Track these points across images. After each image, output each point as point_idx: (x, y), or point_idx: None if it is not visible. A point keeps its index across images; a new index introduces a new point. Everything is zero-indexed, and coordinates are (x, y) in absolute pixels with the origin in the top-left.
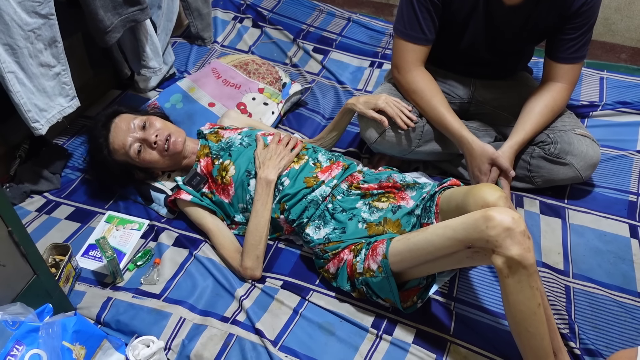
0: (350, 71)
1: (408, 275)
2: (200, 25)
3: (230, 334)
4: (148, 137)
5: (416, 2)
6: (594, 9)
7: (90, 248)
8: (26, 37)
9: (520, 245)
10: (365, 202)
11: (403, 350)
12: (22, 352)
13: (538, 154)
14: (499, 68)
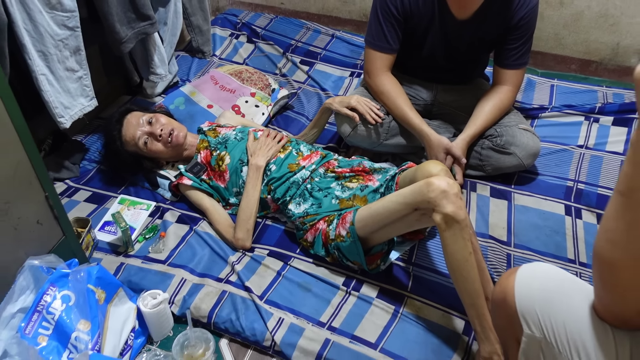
0: (332, 80)
1: (372, 241)
2: (201, 40)
3: (224, 291)
4: (154, 130)
5: (382, 17)
6: (531, 23)
7: (105, 224)
8: (56, 45)
9: (453, 204)
10: (338, 183)
11: (368, 303)
12: (55, 292)
13: (487, 146)
14: (457, 74)
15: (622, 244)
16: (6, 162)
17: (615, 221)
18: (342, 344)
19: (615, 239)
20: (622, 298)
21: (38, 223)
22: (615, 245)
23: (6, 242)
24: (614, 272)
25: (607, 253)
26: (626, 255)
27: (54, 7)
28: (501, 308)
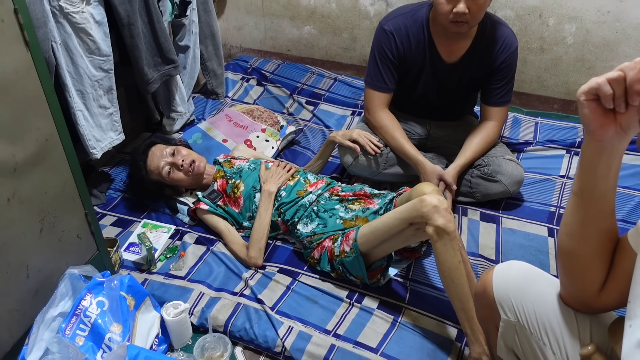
0: (335, 118)
1: (373, 257)
2: (215, 83)
3: (239, 303)
4: (176, 161)
5: (379, 60)
6: (512, 66)
7: (130, 245)
8: (92, 85)
9: (444, 217)
10: (342, 205)
11: (369, 313)
12: (91, 298)
13: (477, 174)
14: (448, 112)
15: (577, 235)
16: (57, 181)
17: (571, 216)
18: (346, 348)
19: (572, 231)
20: (581, 282)
21: (78, 237)
22: (572, 237)
23: (52, 252)
24: (573, 259)
25: (566, 244)
26: (581, 245)
27: (93, 52)
28: (482, 298)
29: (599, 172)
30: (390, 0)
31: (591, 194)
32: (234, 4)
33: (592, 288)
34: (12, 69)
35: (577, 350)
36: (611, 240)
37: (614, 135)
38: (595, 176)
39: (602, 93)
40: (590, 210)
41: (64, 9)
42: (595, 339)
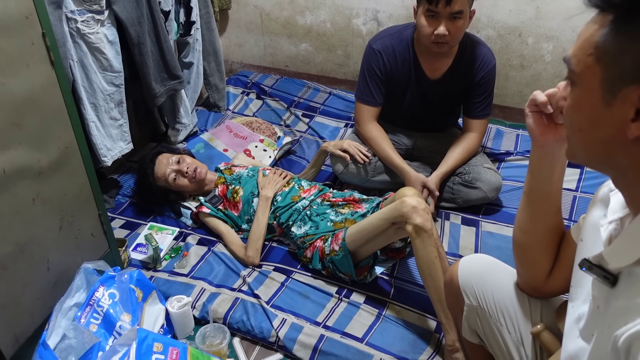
0: (329, 130)
1: (360, 255)
2: (217, 97)
3: (237, 298)
4: (181, 168)
5: (368, 76)
6: (490, 81)
7: (137, 245)
8: (104, 99)
9: (421, 217)
10: (333, 209)
11: (356, 307)
12: (103, 290)
13: (458, 182)
14: (432, 124)
15: (527, 230)
16: (75, 184)
17: (522, 214)
18: (334, 338)
19: (523, 227)
20: (532, 270)
21: (92, 235)
22: (524, 231)
23: (69, 248)
24: (525, 251)
25: (519, 237)
26: (531, 239)
27: (106, 69)
28: (449, 287)
29: (543, 174)
30: (381, 20)
31: (537, 194)
32: (235, 22)
33: (541, 275)
34: (40, 85)
35: (529, 329)
36: (557, 235)
37: (554, 143)
38: (540, 178)
39: (539, 102)
40: (537, 208)
41: (80, 30)
42: (545, 319)
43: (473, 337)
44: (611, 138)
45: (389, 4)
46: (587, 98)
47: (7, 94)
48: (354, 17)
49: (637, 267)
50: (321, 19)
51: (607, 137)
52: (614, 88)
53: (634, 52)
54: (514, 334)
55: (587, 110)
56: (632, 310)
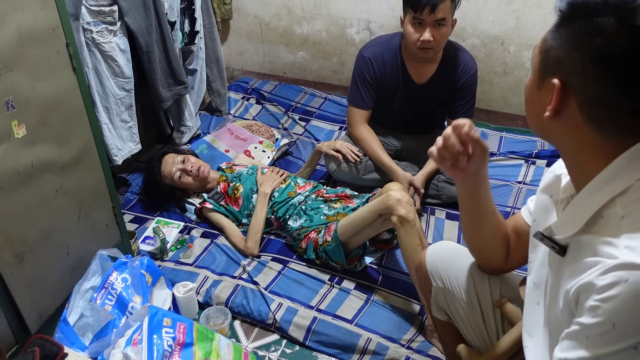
0: (324, 133)
1: (351, 246)
2: (219, 102)
3: (237, 284)
4: (186, 167)
5: (359, 82)
6: (472, 86)
7: (145, 238)
8: (116, 102)
9: (405, 209)
10: (326, 204)
11: (347, 293)
12: (117, 275)
13: (442, 179)
14: (420, 126)
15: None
16: (92, 178)
17: (466, 226)
18: (326, 320)
19: (470, 235)
20: (489, 261)
21: (106, 225)
22: (472, 239)
23: (86, 236)
24: (477, 251)
25: (470, 244)
26: (479, 243)
27: (117, 75)
28: (419, 271)
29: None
30: (373, 30)
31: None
32: (237, 32)
33: (499, 262)
34: (64, 90)
35: (490, 304)
36: (501, 231)
37: (472, 175)
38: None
39: (442, 157)
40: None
41: (95, 40)
42: (504, 294)
43: (442, 315)
44: (541, 117)
45: (381, 14)
46: (531, 80)
47: (36, 96)
48: (347, 27)
49: (581, 236)
50: (317, 28)
51: (539, 115)
52: (544, 76)
53: (557, 50)
54: (477, 309)
55: (529, 89)
56: (578, 269)
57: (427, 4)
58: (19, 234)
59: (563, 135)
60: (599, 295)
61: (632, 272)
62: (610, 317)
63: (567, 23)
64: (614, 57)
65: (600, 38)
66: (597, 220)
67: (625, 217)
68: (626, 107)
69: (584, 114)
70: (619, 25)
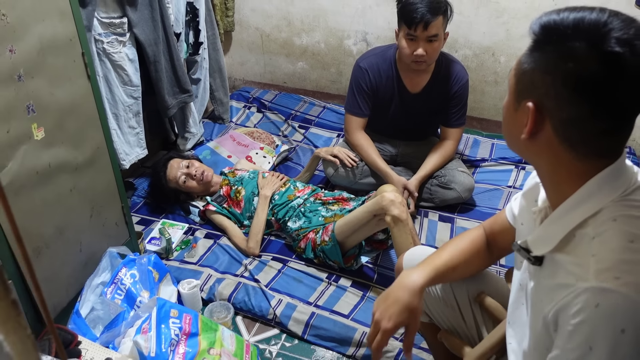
0: (323, 140)
1: (347, 245)
2: (221, 110)
3: (239, 282)
4: (190, 172)
5: (356, 90)
6: (464, 95)
7: (152, 239)
8: (124, 109)
9: (398, 209)
10: (324, 206)
11: (343, 290)
12: (126, 271)
13: (435, 183)
14: (414, 133)
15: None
16: (103, 179)
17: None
18: (324, 315)
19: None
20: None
21: (116, 224)
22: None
23: (97, 234)
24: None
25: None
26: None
27: (126, 83)
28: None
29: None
30: (369, 41)
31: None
32: (238, 43)
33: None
34: (79, 96)
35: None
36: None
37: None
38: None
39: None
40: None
41: (106, 50)
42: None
43: (423, 317)
44: (518, 137)
45: (377, 26)
46: (507, 102)
47: (54, 102)
48: (345, 39)
49: (555, 254)
50: (316, 40)
51: (516, 134)
52: (519, 98)
53: (531, 73)
54: (455, 307)
55: (505, 110)
56: (555, 290)
57: (421, 21)
58: (36, 230)
59: (539, 155)
60: (573, 319)
61: (601, 296)
62: (586, 340)
63: (540, 47)
64: (585, 82)
65: (572, 63)
66: (570, 240)
67: (595, 238)
68: (598, 130)
69: (559, 136)
70: (590, 50)
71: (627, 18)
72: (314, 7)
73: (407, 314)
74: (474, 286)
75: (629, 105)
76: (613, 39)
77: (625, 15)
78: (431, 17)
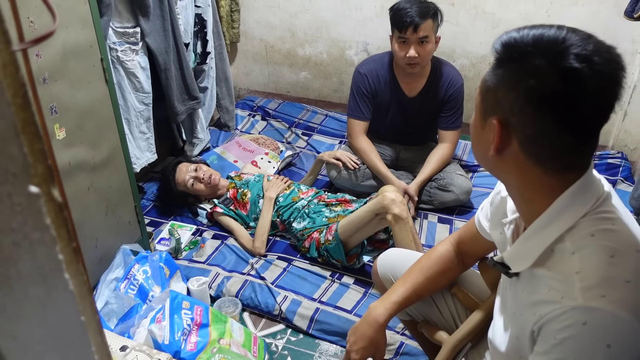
0: (325, 146)
1: (350, 244)
2: (227, 118)
3: (246, 280)
4: (198, 175)
5: (357, 95)
6: (458, 98)
7: (161, 239)
8: (136, 115)
9: (399, 207)
10: (327, 208)
11: (346, 287)
12: (138, 267)
13: (434, 186)
14: (413, 138)
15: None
16: (118, 179)
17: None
18: (328, 310)
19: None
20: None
21: (129, 223)
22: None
23: (112, 232)
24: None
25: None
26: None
27: (138, 90)
28: (375, 279)
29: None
30: (370, 51)
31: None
32: (244, 54)
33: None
34: (97, 99)
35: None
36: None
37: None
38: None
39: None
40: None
41: (120, 58)
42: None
43: (403, 315)
44: (486, 154)
45: (377, 37)
46: (474, 120)
47: (75, 104)
48: (347, 49)
49: (534, 269)
50: (318, 50)
51: (484, 152)
52: (485, 115)
53: (495, 90)
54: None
55: (473, 129)
56: (537, 305)
57: (410, 24)
58: None
59: (508, 172)
60: (560, 334)
61: (589, 314)
62: (572, 355)
63: (503, 64)
64: (547, 98)
65: (534, 79)
66: (549, 255)
67: (575, 253)
68: (564, 144)
69: (525, 152)
70: (550, 66)
71: (584, 34)
72: (317, 19)
73: (372, 348)
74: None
75: (591, 119)
76: (571, 55)
77: (583, 31)
78: (420, 20)
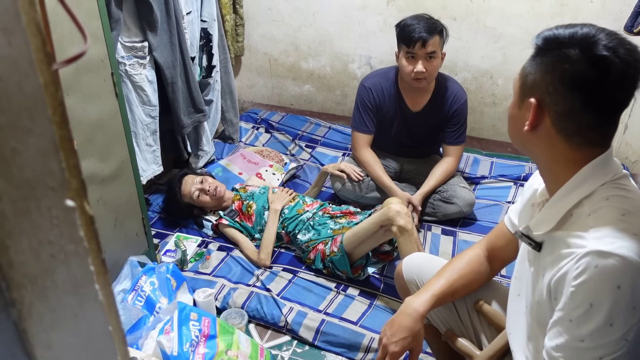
0: (329, 159)
1: (355, 256)
2: (231, 130)
3: (252, 291)
4: (204, 187)
5: (361, 108)
6: (463, 113)
7: (167, 251)
8: (143, 128)
9: (404, 219)
10: (332, 220)
11: (351, 299)
12: (146, 279)
13: (438, 198)
14: (417, 151)
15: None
16: (126, 191)
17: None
18: (333, 322)
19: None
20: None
21: (136, 235)
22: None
23: (119, 244)
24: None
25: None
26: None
27: (145, 103)
28: (398, 281)
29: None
30: (373, 65)
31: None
32: (248, 67)
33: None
34: (108, 112)
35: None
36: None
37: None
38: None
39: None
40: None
41: (128, 72)
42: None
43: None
44: (521, 131)
45: (380, 51)
46: (513, 102)
47: (85, 117)
48: (350, 62)
49: (555, 233)
50: (322, 64)
51: (519, 130)
52: (523, 96)
53: (534, 74)
54: (453, 310)
55: (511, 109)
56: (555, 261)
57: (419, 39)
58: None
59: (539, 146)
60: (575, 281)
61: (600, 258)
62: (586, 298)
63: (542, 53)
64: (578, 80)
65: (568, 64)
66: (568, 219)
67: (591, 215)
68: (589, 122)
69: (556, 128)
70: (582, 54)
71: (610, 32)
72: (320, 33)
73: (411, 339)
74: (472, 294)
75: (614, 100)
76: (601, 45)
77: (609, 29)
78: (428, 35)
